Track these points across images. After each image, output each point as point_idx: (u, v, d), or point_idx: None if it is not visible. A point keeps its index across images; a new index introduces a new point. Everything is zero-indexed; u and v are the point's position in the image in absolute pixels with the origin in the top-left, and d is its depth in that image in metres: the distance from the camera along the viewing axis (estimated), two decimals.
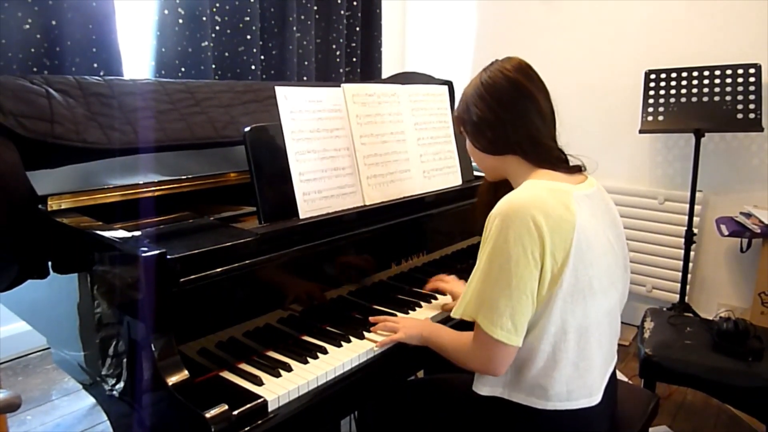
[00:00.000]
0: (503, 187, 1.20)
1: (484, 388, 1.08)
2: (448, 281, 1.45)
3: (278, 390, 1.02)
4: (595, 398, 1.06)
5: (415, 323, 1.25)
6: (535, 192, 1.02)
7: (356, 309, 1.37)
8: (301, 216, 1.25)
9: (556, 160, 1.12)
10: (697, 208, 2.60)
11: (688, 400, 2.31)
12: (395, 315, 1.34)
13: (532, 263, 0.97)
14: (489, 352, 1.02)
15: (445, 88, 1.71)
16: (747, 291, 2.69)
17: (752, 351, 1.73)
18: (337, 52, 3.04)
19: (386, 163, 1.47)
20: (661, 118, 2.55)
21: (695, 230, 2.60)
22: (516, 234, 0.96)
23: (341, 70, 3.08)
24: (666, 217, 2.80)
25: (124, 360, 1.05)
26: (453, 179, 1.66)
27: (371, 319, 1.29)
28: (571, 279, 0.99)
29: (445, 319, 1.35)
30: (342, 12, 3.00)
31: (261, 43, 2.64)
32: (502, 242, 0.97)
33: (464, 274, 1.34)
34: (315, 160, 1.30)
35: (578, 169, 1.14)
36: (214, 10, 2.44)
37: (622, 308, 1.17)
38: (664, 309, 2.41)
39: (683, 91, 2.52)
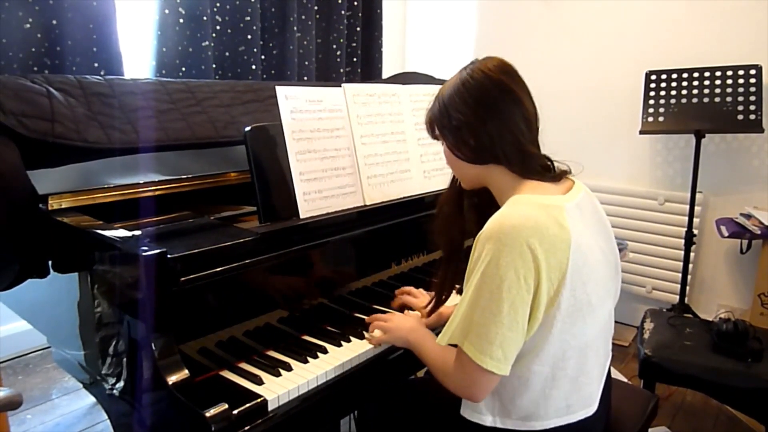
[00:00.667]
0: (469, 198, 1.16)
1: (474, 414, 1.04)
2: (418, 296, 1.38)
3: (278, 389, 1.03)
4: (592, 408, 1.05)
5: (404, 326, 1.21)
6: (526, 211, 0.95)
7: (356, 309, 1.37)
8: (302, 216, 1.26)
9: (542, 169, 1.05)
10: (697, 209, 2.61)
11: (687, 400, 2.31)
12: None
13: (524, 288, 0.91)
14: (473, 380, 0.97)
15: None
16: (747, 292, 2.69)
17: (752, 352, 1.73)
18: (338, 52, 3.05)
19: (386, 163, 1.48)
20: (661, 119, 2.55)
21: (695, 231, 2.60)
22: (509, 259, 0.90)
23: (342, 70, 3.08)
24: (666, 218, 2.80)
25: (125, 359, 1.05)
26: None
27: (367, 319, 1.29)
28: (570, 299, 0.94)
29: None
30: (343, 12, 3.00)
31: (261, 42, 2.64)
32: (493, 267, 0.91)
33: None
34: (315, 160, 1.31)
35: (564, 174, 1.08)
36: (215, 9, 2.44)
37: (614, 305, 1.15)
38: (664, 310, 2.41)
39: (684, 92, 2.52)
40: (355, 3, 3.09)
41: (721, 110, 2.43)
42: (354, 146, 1.40)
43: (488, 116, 1.01)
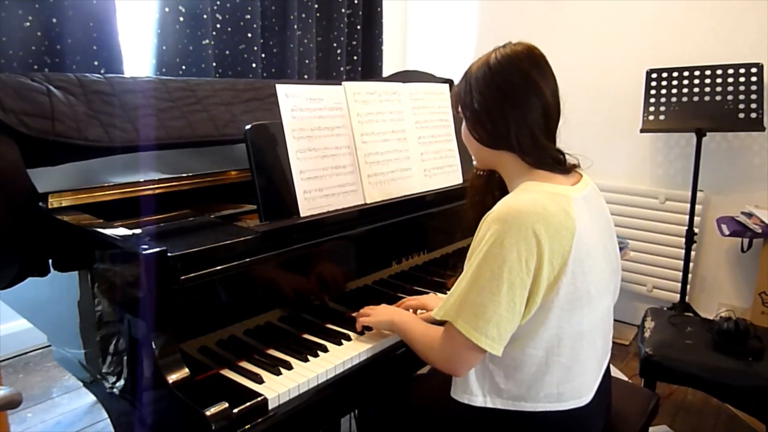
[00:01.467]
0: (498, 187, 1.17)
1: (464, 395, 1.06)
2: (417, 297, 1.41)
3: (279, 388, 1.02)
4: (585, 399, 1.05)
5: (387, 310, 1.25)
6: (535, 197, 0.98)
7: (357, 307, 1.37)
8: (302, 214, 1.25)
9: (554, 162, 1.06)
10: (698, 207, 2.60)
11: (688, 399, 2.31)
12: None
13: (524, 272, 0.93)
14: (458, 354, 1.00)
15: (446, 86, 1.71)
16: (747, 291, 2.69)
17: (752, 351, 1.73)
18: (338, 51, 3.04)
19: (387, 161, 1.47)
20: (662, 117, 2.55)
21: (696, 230, 2.60)
22: (512, 241, 0.92)
23: (342, 69, 3.08)
24: (667, 217, 2.80)
25: (125, 358, 1.05)
26: (454, 178, 1.66)
27: (355, 314, 1.29)
28: (569, 287, 0.96)
29: None
30: (343, 10, 3.00)
31: (262, 41, 2.64)
32: (496, 248, 0.93)
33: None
34: (316, 159, 1.30)
35: (573, 168, 1.10)
36: (215, 8, 2.44)
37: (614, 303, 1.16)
38: (665, 308, 2.41)
39: (685, 90, 2.52)
40: (356, 1, 3.08)
41: (722, 109, 2.42)
42: (354, 145, 1.39)
43: (507, 105, 1.03)
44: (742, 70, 2.41)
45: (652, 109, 2.58)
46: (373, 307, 1.28)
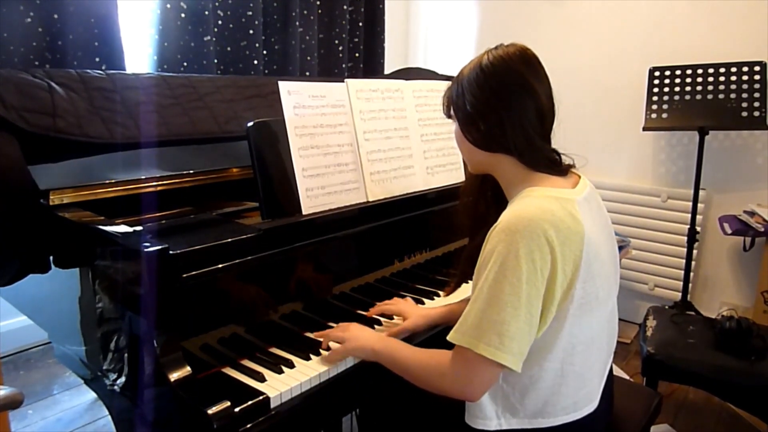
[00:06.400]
0: (490, 188, 1.15)
1: (478, 420, 1.01)
2: (395, 302, 1.34)
3: (280, 386, 1.02)
4: (595, 403, 1.04)
5: (366, 335, 1.14)
6: (542, 203, 0.95)
7: (359, 306, 1.37)
8: (304, 212, 1.25)
9: (551, 163, 1.04)
10: (700, 206, 2.59)
11: (689, 398, 2.31)
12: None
13: (540, 281, 0.91)
14: (481, 377, 0.95)
15: (449, 83, 1.70)
16: (750, 290, 2.68)
17: (755, 350, 1.73)
18: (340, 48, 3.03)
19: (389, 159, 1.47)
20: (665, 115, 2.54)
21: (698, 228, 2.59)
22: (527, 250, 0.89)
23: (344, 66, 3.07)
24: (669, 215, 2.80)
25: (126, 355, 1.05)
26: (456, 176, 1.66)
27: (315, 335, 1.20)
28: (580, 292, 0.94)
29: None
30: (345, 7, 2.99)
31: (264, 38, 2.63)
32: (512, 259, 0.89)
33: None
34: (318, 156, 1.30)
35: (570, 168, 1.08)
36: (217, 5, 2.43)
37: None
38: (667, 307, 2.41)
39: (687, 88, 2.51)
40: None
41: (725, 107, 2.42)
42: (357, 142, 1.39)
43: (501, 106, 1.00)
44: (745, 69, 2.40)
45: (654, 107, 2.57)
46: (344, 328, 1.17)
